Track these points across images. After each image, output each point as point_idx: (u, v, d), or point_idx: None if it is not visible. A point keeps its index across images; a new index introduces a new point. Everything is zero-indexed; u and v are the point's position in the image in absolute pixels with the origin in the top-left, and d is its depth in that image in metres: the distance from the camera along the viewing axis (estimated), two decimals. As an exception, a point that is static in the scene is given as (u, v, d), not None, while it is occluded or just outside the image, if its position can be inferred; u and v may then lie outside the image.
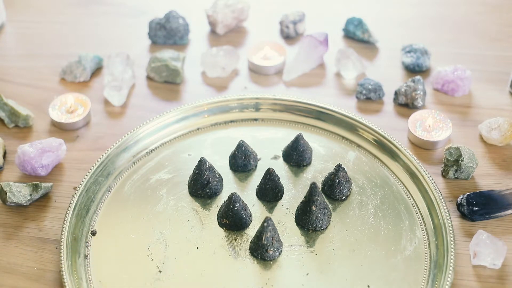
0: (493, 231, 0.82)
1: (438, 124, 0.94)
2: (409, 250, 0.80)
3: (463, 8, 1.20)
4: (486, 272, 0.78)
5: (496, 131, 0.92)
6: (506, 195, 0.84)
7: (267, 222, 0.78)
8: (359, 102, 1.01)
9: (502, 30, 1.14)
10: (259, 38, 1.13)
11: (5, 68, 1.08)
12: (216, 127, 0.97)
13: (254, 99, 0.98)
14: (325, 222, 0.82)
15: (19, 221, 0.84)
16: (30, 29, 1.17)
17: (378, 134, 0.92)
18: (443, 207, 0.82)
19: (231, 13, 1.12)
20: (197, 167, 0.86)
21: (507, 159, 0.92)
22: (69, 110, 0.97)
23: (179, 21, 1.10)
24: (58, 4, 1.22)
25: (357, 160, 0.91)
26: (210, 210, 0.85)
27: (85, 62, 1.04)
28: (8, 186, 0.85)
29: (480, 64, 1.07)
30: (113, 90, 1.00)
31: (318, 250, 0.81)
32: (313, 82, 1.04)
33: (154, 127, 0.94)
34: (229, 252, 0.80)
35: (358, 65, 1.04)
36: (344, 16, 1.13)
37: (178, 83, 1.04)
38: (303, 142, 0.90)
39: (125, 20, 1.19)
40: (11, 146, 0.94)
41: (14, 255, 0.81)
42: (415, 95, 0.98)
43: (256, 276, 0.78)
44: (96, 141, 0.95)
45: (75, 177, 0.90)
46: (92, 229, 0.83)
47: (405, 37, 1.12)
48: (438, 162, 0.91)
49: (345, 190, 0.86)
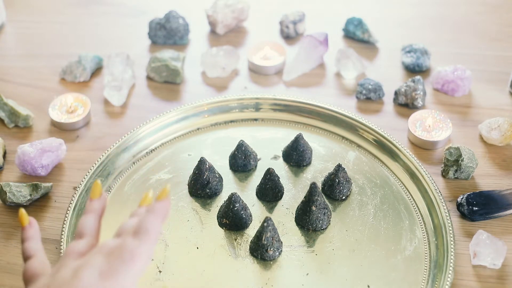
0: (493, 231, 0.82)
1: (438, 124, 0.94)
2: (409, 250, 0.80)
3: (463, 8, 1.20)
4: (486, 272, 0.78)
5: (496, 131, 0.92)
6: (506, 195, 0.84)
7: (267, 222, 0.78)
8: (359, 102, 1.01)
9: (502, 30, 1.15)
10: (259, 38, 1.13)
11: (5, 68, 1.08)
12: (216, 127, 0.97)
13: (254, 99, 0.98)
14: (325, 222, 0.82)
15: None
16: (30, 29, 1.17)
17: (378, 134, 0.92)
18: (443, 207, 0.82)
19: (231, 13, 1.12)
20: (197, 167, 0.86)
21: (507, 159, 0.92)
22: (69, 110, 0.97)
23: (179, 21, 1.10)
24: (58, 4, 1.22)
25: (357, 160, 0.91)
26: (210, 210, 0.85)
27: (85, 62, 1.04)
28: (8, 186, 0.85)
29: (480, 64, 1.07)
30: (113, 90, 1.00)
31: (318, 250, 0.81)
32: (313, 82, 1.04)
33: (154, 127, 0.94)
34: (229, 252, 0.80)
35: (358, 65, 1.04)
36: (344, 16, 1.13)
37: (178, 83, 1.04)
38: (303, 142, 0.90)
39: (125, 20, 1.19)
40: (11, 146, 0.94)
41: (14, 255, 0.81)
42: (415, 95, 0.98)
43: (256, 276, 0.78)
44: (96, 141, 0.95)
45: (75, 177, 0.90)
46: (92, 229, 0.83)
47: (405, 37, 1.12)
48: (438, 162, 0.91)
49: (345, 190, 0.86)
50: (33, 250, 0.62)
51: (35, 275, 0.59)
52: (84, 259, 0.57)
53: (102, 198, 0.65)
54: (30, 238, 0.63)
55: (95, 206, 0.64)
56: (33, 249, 0.62)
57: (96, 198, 0.64)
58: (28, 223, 0.64)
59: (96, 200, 0.64)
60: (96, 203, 0.64)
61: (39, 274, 0.59)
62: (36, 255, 0.61)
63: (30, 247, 0.62)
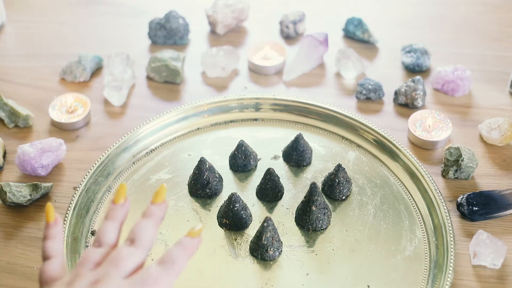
0: (493, 231, 0.82)
1: (438, 124, 0.94)
2: (409, 250, 0.80)
3: (463, 8, 1.20)
4: (486, 272, 0.78)
5: (496, 131, 0.92)
6: (506, 195, 0.84)
7: (267, 222, 0.78)
8: (359, 102, 1.01)
9: (502, 30, 1.15)
10: (259, 38, 1.13)
11: (5, 68, 1.08)
12: (216, 127, 0.97)
13: (254, 99, 0.98)
14: (325, 222, 0.82)
15: (19, 221, 0.84)
16: (30, 29, 1.17)
17: (378, 134, 0.92)
18: (443, 207, 0.82)
19: (231, 13, 1.12)
20: (197, 167, 0.86)
21: (507, 159, 0.92)
22: (69, 110, 0.97)
23: (179, 21, 1.10)
24: (58, 4, 1.22)
25: (357, 160, 0.91)
26: (210, 210, 0.85)
27: (85, 62, 1.04)
28: (8, 186, 0.85)
29: (480, 64, 1.07)
30: (113, 90, 1.00)
31: (318, 250, 0.81)
32: (313, 82, 1.04)
33: (154, 127, 0.94)
34: (229, 252, 0.80)
35: (358, 65, 1.04)
36: (344, 16, 1.13)
37: (178, 83, 1.04)
38: (303, 142, 0.90)
39: (125, 20, 1.19)
40: (11, 146, 0.94)
41: (14, 255, 0.81)
42: (415, 95, 0.98)
43: (256, 276, 0.78)
44: (96, 141, 0.95)
45: (75, 177, 0.90)
46: (92, 229, 0.83)
47: (405, 37, 1.12)
48: (438, 162, 0.91)
49: (345, 190, 0.86)
50: (54, 251, 0.61)
51: (53, 279, 0.58)
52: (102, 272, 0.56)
53: (127, 203, 0.63)
54: (53, 237, 0.61)
55: (119, 213, 0.62)
56: (55, 250, 0.61)
57: (120, 203, 0.63)
58: (54, 220, 0.62)
59: (120, 206, 0.63)
60: (120, 209, 0.63)
61: (56, 279, 0.58)
62: (57, 257, 0.60)
63: (52, 247, 0.61)
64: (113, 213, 0.62)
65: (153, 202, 0.62)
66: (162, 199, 0.62)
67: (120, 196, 0.63)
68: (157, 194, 0.62)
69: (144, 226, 0.60)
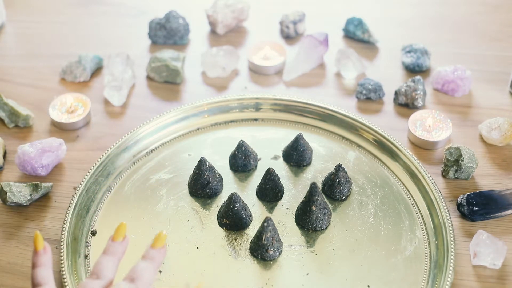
0: (493, 231, 0.82)
1: (438, 124, 0.94)
2: (409, 250, 0.80)
3: (463, 8, 1.20)
4: (486, 272, 0.78)
5: (496, 131, 0.92)
6: (506, 195, 0.84)
7: (267, 222, 0.78)
8: (359, 102, 1.01)
9: (502, 30, 1.15)
10: (259, 38, 1.13)
11: (5, 68, 1.08)
12: (216, 127, 0.97)
13: (254, 99, 0.98)
14: (325, 222, 0.82)
15: (19, 221, 0.84)
16: (30, 29, 1.17)
17: (378, 134, 0.92)
18: (443, 207, 0.82)
19: (231, 13, 1.12)
20: (197, 167, 0.86)
21: (507, 159, 0.92)
22: (69, 110, 0.97)
23: (179, 21, 1.10)
24: (58, 4, 1.22)
25: (357, 160, 0.91)
26: (210, 210, 0.85)
27: (85, 62, 1.04)
28: (8, 186, 0.85)
29: (480, 64, 1.07)
30: (113, 90, 1.00)
31: (318, 250, 0.81)
32: (313, 82, 1.04)
33: (154, 127, 0.94)
34: (229, 252, 0.80)
35: (358, 65, 1.04)
36: (344, 16, 1.13)
37: (178, 83, 1.04)
38: (303, 142, 0.90)
39: (125, 20, 1.19)
40: (11, 146, 0.94)
41: (14, 255, 0.81)
42: (415, 95, 0.98)
43: (256, 276, 0.78)
44: (96, 141, 0.95)
45: (75, 177, 0.90)
46: (92, 229, 0.83)
47: (405, 37, 1.12)
48: (438, 162, 0.91)
49: (345, 190, 0.86)
50: (45, 278, 0.61)
51: None
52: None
53: (125, 241, 0.64)
54: (43, 265, 0.62)
55: (118, 249, 0.63)
56: (45, 278, 0.61)
57: (119, 240, 0.64)
58: (43, 248, 0.62)
59: (119, 243, 0.63)
60: (119, 245, 0.63)
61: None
62: (48, 284, 0.60)
63: (42, 274, 0.61)
64: (111, 249, 0.63)
65: (153, 247, 0.63)
66: (161, 245, 0.64)
67: (119, 235, 0.64)
68: (157, 239, 0.64)
69: (145, 267, 0.62)
